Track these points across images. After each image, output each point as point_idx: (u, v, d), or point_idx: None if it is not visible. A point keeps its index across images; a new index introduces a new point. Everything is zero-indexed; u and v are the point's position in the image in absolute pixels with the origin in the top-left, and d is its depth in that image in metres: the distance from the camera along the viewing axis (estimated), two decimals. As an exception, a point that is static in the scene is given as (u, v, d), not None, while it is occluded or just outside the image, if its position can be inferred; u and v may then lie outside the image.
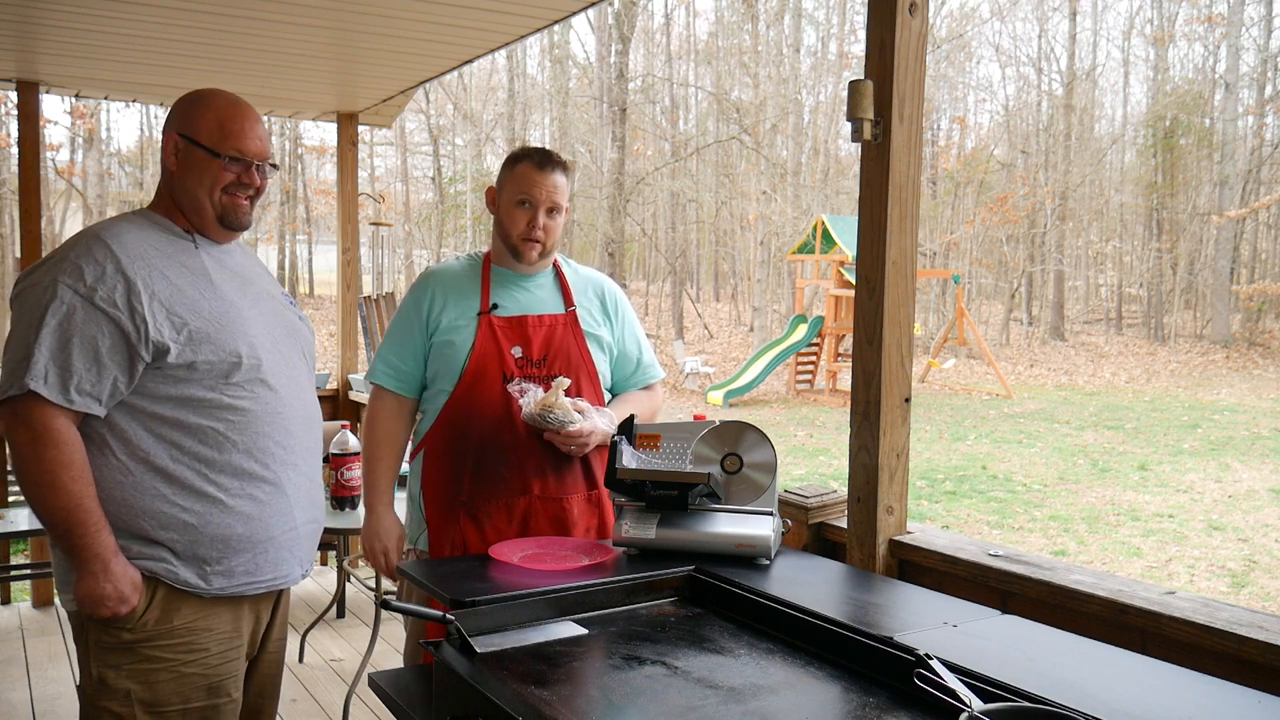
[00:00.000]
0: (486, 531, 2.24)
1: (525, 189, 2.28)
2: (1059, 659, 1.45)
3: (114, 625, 1.83)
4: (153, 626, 1.85)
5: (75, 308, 1.78)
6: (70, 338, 1.77)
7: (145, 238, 1.90)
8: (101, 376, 1.79)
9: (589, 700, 1.45)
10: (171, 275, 1.88)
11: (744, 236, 27.91)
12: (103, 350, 1.79)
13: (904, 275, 2.08)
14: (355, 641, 4.31)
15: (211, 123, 1.94)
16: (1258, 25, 26.54)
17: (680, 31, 31.34)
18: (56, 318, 1.77)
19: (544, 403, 2.17)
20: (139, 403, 1.84)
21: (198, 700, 1.90)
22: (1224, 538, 8.71)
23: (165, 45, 3.82)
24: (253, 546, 1.92)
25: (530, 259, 2.32)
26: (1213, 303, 25.96)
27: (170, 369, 1.84)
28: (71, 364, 1.77)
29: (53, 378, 1.76)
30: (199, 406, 1.86)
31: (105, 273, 1.81)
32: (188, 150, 1.94)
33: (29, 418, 1.75)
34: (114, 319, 1.79)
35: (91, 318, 1.78)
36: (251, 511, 1.91)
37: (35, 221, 4.69)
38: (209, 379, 1.87)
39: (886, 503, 2.10)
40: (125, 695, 1.84)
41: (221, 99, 1.98)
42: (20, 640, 4.28)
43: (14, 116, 9.37)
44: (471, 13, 3.41)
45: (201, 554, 1.87)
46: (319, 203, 29.25)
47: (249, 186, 1.98)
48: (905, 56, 2.02)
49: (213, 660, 1.91)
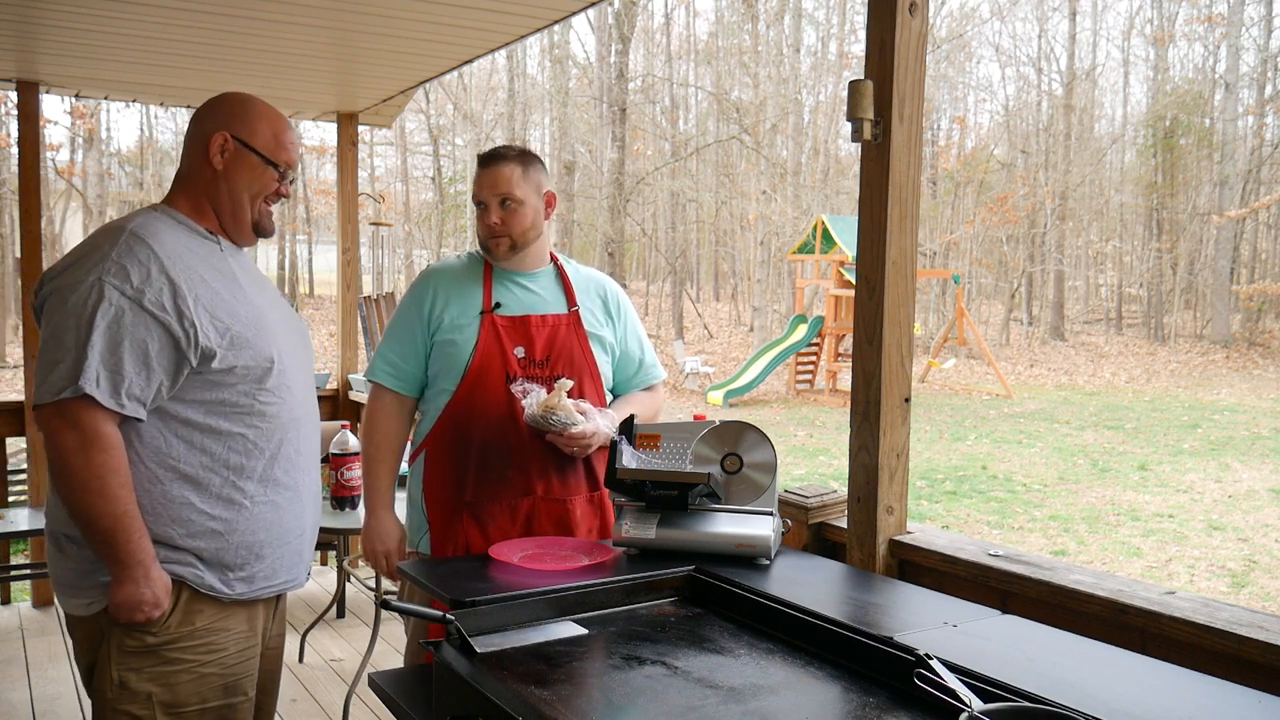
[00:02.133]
0: (490, 532, 2.24)
1: (476, 190, 2.32)
2: (1059, 659, 1.45)
3: (139, 629, 1.81)
4: (175, 629, 1.84)
5: (124, 310, 1.74)
6: (121, 340, 1.74)
7: (178, 238, 1.87)
8: (150, 381, 1.76)
9: (589, 700, 1.45)
10: (208, 278, 1.85)
11: (744, 236, 27.91)
12: (152, 354, 1.76)
13: (904, 275, 2.08)
14: (355, 641, 4.31)
15: (267, 131, 1.94)
16: (1258, 25, 26.55)
17: (680, 31, 31.38)
18: (106, 319, 1.73)
19: (546, 404, 2.16)
20: (171, 408, 1.81)
21: (215, 700, 1.89)
22: (1224, 538, 8.71)
23: (165, 45, 3.82)
24: (273, 551, 1.93)
25: (500, 254, 2.32)
26: (1213, 303, 25.96)
27: (210, 374, 1.82)
28: (123, 367, 1.73)
29: (104, 381, 1.72)
30: (230, 413, 1.85)
31: (150, 274, 1.77)
32: (239, 153, 1.92)
33: (79, 420, 1.71)
34: (163, 323, 1.76)
35: (141, 320, 1.75)
36: (272, 517, 1.91)
37: (35, 221, 4.69)
38: (244, 384, 1.85)
39: (886, 503, 2.10)
40: (147, 698, 1.83)
41: (271, 108, 1.99)
42: (20, 640, 4.28)
43: (14, 116, 9.37)
44: (471, 13, 3.41)
45: (227, 560, 1.86)
46: (319, 203, 29.24)
47: (282, 197, 1.99)
48: (905, 56, 2.02)
49: (230, 660, 1.91)
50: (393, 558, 2.36)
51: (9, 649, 4.18)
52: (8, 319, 20.91)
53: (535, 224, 2.33)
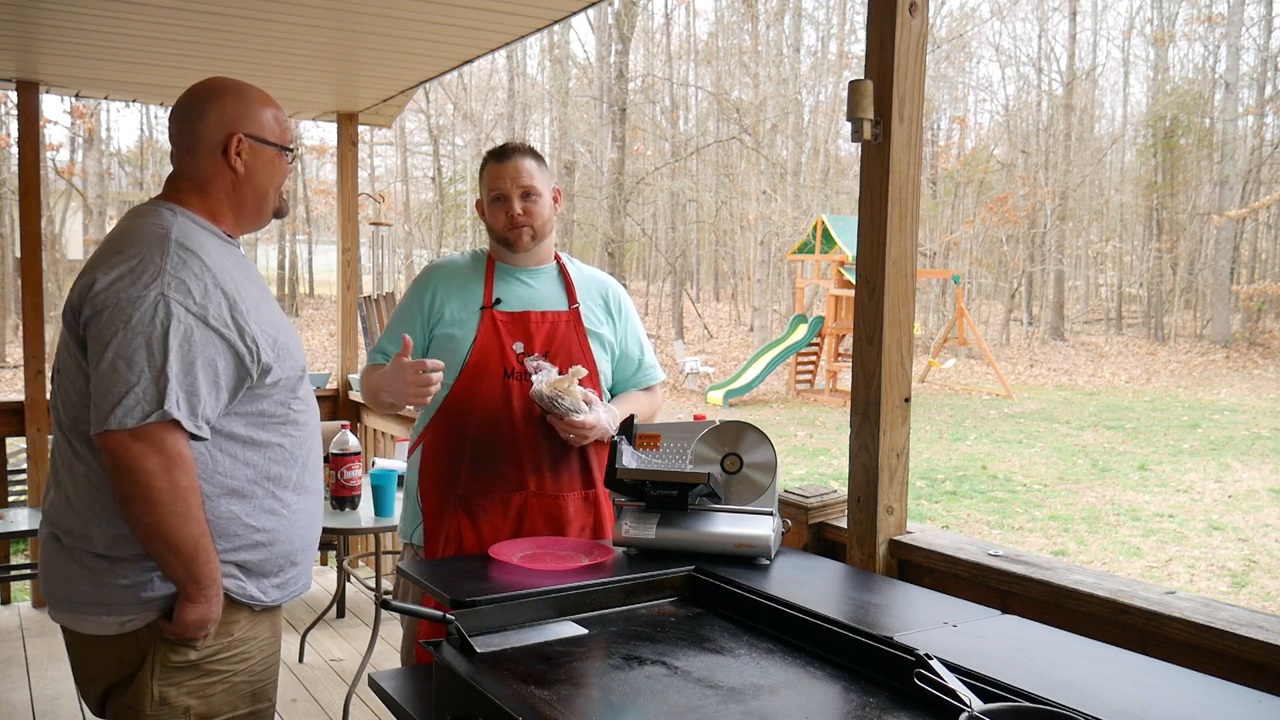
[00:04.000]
0: (481, 527, 2.25)
1: (494, 184, 2.33)
2: (1059, 659, 1.45)
3: (185, 644, 1.79)
4: (214, 641, 1.82)
5: (192, 329, 1.70)
6: (194, 360, 1.70)
7: (214, 246, 1.82)
8: (219, 400, 1.74)
9: (589, 700, 1.45)
10: (245, 288, 1.80)
11: (744, 236, 27.91)
12: (220, 373, 1.73)
13: (904, 275, 2.08)
14: (355, 641, 4.31)
15: (270, 118, 1.90)
16: (1258, 25, 26.55)
17: (680, 31, 31.37)
18: (178, 339, 1.68)
19: (556, 386, 2.17)
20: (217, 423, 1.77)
21: (244, 707, 1.88)
22: (1224, 538, 8.71)
23: (165, 45, 3.82)
24: (304, 558, 1.93)
25: (523, 244, 2.33)
26: (1213, 303, 25.96)
27: (259, 387, 1.79)
28: (198, 388, 1.70)
29: (183, 403, 1.68)
30: (268, 423, 1.82)
31: (208, 289, 1.73)
32: (255, 149, 1.87)
33: (163, 444, 1.67)
34: (228, 340, 1.73)
35: (208, 339, 1.71)
36: (306, 524, 1.91)
37: (35, 221, 4.68)
38: (281, 393, 1.83)
39: (886, 503, 2.10)
40: (185, 711, 1.81)
41: (260, 91, 1.94)
42: (20, 640, 4.28)
43: (14, 116, 9.37)
44: (471, 13, 3.41)
45: (268, 570, 1.85)
46: (319, 203, 29.25)
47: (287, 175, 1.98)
48: (905, 56, 2.02)
49: (257, 667, 1.90)
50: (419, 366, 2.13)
51: (9, 649, 4.18)
52: (8, 319, 20.91)
53: (550, 217, 2.38)
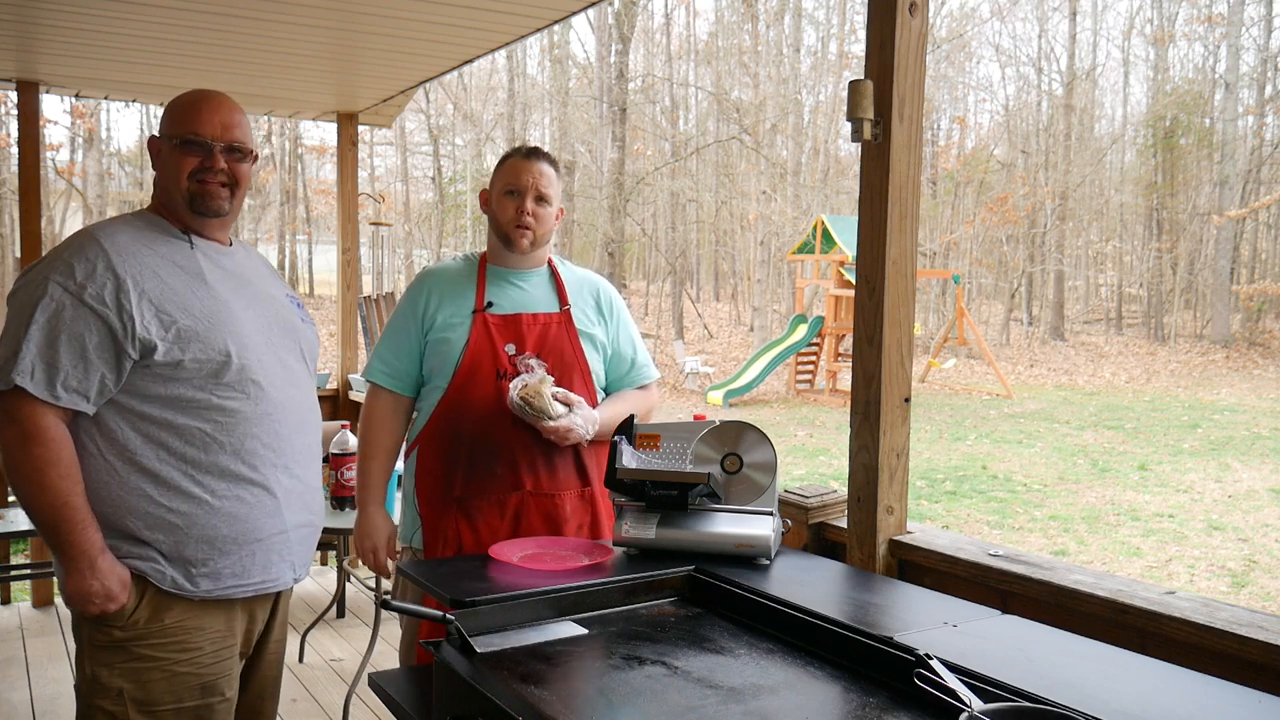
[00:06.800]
0: (479, 528, 2.26)
1: (512, 178, 2.33)
2: (1059, 659, 1.45)
3: (105, 623, 1.84)
4: (143, 625, 1.85)
5: (64, 305, 1.79)
6: (58, 334, 1.78)
7: (140, 237, 1.92)
8: (89, 373, 1.80)
9: (589, 700, 1.45)
10: (163, 274, 1.88)
11: (744, 236, 27.91)
12: (90, 347, 1.79)
13: (904, 275, 2.08)
14: (355, 641, 4.31)
15: (174, 114, 1.98)
16: (1258, 25, 26.55)
17: (680, 31, 31.37)
18: (45, 314, 1.78)
19: (525, 394, 2.19)
20: (127, 401, 1.84)
21: (191, 699, 1.90)
22: (1224, 538, 8.71)
23: (165, 45, 3.82)
24: (239, 549, 1.91)
25: (522, 246, 2.34)
26: (1213, 303, 25.96)
27: (158, 367, 1.84)
28: (59, 360, 1.78)
29: (39, 374, 1.76)
30: (187, 407, 1.87)
31: (95, 270, 1.82)
32: (158, 146, 1.99)
33: (16, 414, 1.76)
34: (102, 316, 1.80)
35: (80, 315, 1.79)
36: (238, 513, 1.91)
37: (35, 221, 4.68)
38: (197, 378, 1.87)
39: (886, 503, 2.10)
40: (118, 694, 1.85)
41: (190, 94, 2.01)
42: (20, 640, 4.28)
43: (14, 116, 9.37)
44: (471, 13, 3.41)
45: (187, 555, 1.87)
46: (319, 203, 29.24)
47: (215, 170, 1.96)
48: (905, 56, 2.02)
49: (206, 659, 1.91)
50: (380, 553, 2.39)
51: (9, 649, 4.18)
52: (5, 318, 20.89)
53: (552, 228, 2.40)
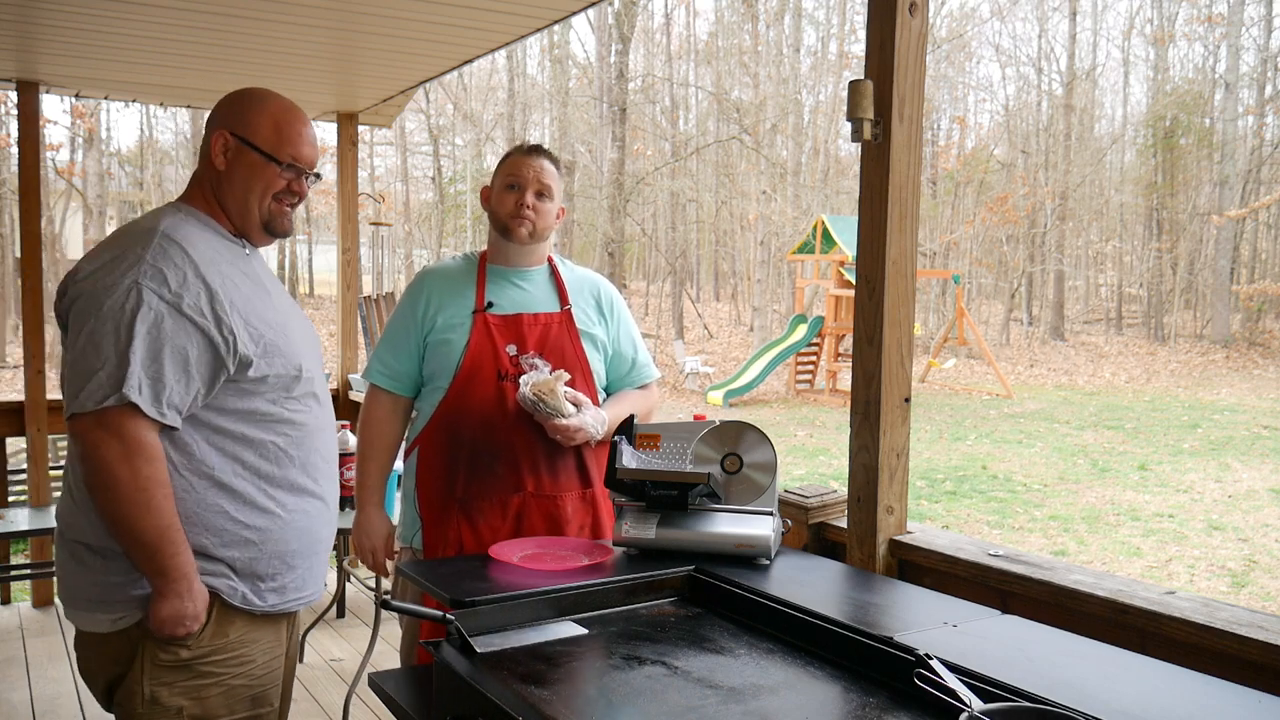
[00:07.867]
0: (481, 529, 2.25)
1: (513, 172, 2.34)
2: (1059, 659, 1.45)
3: (174, 643, 1.77)
4: (208, 642, 1.80)
5: (163, 315, 1.69)
6: (161, 347, 1.68)
7: (208, 240, 1.82)
8: (189, 388, 1.72)
9: (589, 700, 1.45)
10: (239, 283, 1.81)
11: (744, 236, 27.90)
12: (192, 360, 1.72)
13: (904, 275, 2.08)
14: (355, 641, 4.31)
15: (268, 126, 1.86)
16: (1258, 25, 26.55)
17: (680, 31, 31.36)
18: (145, 325, 1.67)
19: (539, 389, 2.18)
20: (205, 416, 1.77)
21: (242, 711, 1.87)
22: (1224, 538, 8.71)
23: (165, 45, 3.82)
24: (303, 562, 1.91)
25: (520, 236, 2.33)
26: (1213, 303, 25.95)
27: (245, 382, 1.78)
28: (164, 375, 1.69)
29: (146, 389, 1.67)
30: (262, 420, 1.82)
31: (187, 278, 1.72)
32: (239, 151, 1.86)
33: (122, 430, 1.65)
34: (202, 328, 1.72)
35: (181, 327, 1.70)
36: (305, 526, 1.89)
37: (35, 221, 4.68)
38: (273, 392, 1.83)
39: (886, 503, 2.10)
40: (177, 712, 1.79)
41: (278, 101, 1.90)
42: (20, 640, 4.28)
43: (14, 116, 9.36)
44: (471, 13, 3.41)
45: (259, 571, 1.83)
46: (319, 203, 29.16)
47: (296, 195, 1.91)
48: (905, 56, 2.02)
49: (258, 671, 1.88)
50: (379, 554, 2.40)
51: (9, 649, 4.18)
52: (7, 319, 20.90)
53: (552, 223, 2.40)
